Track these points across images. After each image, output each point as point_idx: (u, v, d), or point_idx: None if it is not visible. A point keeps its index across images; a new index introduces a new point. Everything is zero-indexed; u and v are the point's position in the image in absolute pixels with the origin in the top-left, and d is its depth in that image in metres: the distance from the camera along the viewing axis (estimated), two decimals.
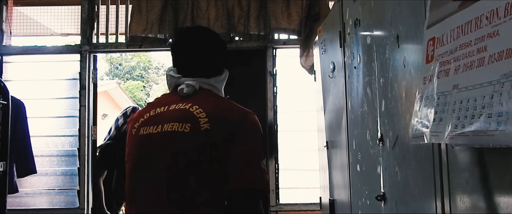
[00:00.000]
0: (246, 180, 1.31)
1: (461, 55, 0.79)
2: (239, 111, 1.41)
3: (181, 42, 1.56)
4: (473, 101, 0.75)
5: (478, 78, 0.74)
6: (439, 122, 0.82)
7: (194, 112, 1.39)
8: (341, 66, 2.09)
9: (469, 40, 0.78)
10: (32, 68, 3.92)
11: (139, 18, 3.73)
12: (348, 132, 2.00)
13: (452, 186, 1.00)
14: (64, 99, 3.84)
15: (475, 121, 0.73)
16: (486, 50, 0.72)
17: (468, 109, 0.76)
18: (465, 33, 0.78)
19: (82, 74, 3.79)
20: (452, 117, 0.80)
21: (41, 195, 3.78)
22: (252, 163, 1.33)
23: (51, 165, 3.79)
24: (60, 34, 4.39)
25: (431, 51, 0.90)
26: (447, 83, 0.83)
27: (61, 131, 3.81)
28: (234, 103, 1.48)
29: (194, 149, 1.34)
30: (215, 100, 1.48)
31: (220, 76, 1.55)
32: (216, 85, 1.54)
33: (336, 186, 2.33)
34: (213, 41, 1.58)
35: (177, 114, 1.41)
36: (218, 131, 1.35)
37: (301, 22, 3.70)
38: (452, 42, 0.82)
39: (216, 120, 1.37)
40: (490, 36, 0.71)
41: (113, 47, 3.89)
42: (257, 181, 1.32)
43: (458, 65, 0.80)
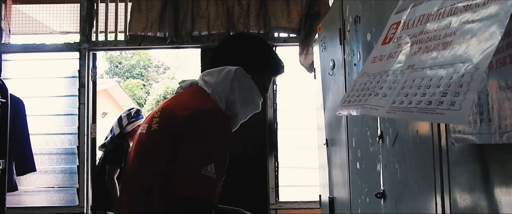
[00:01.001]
0: (184, 187, 1.22)
1: (425, 38, 0.81)
2: (195, 108, 1.30)
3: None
4: (428, 81, 0.77)
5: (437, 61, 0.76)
6: (383, 96, 0.85)
7: (157, 111, 1.40)
8: (341, 63, 2.09)
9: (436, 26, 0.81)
10: (31, 66, 3.92)
11: (139, 16, 3.73)
12: (348, 129, 1.99)
13: (452, 183, 0.99)
14: (63, 97, 3.84)
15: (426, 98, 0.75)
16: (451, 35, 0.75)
17: (420, 86, 0.78)
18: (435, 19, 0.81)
19: (81, 72, 3.78)
20: (399, 94, 0.83)
21: (40, 193, 3.78)
22: (192, 168, 1.22)
23: (50, 163, 3.79)
24: (59, 32, 4.38)
25: (391, 34, 0.94)
26: (402, 63, 0.86)
27: (61, 129, 3.81)
28: (203, 100, 1.37)
29: (144, 150, 1.36)
30: (187, 96, 1.42)
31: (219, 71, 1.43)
32: (208, 80, 1.43)
33: (336, 183, 2.32)
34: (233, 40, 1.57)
35: (152, 114, 1.44)
36: (164, 130, 1.31)
37: (301, 20, 3.69)
38: (418, 27, 0.85)
39: (165, 119, 1.33)
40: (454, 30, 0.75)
41: (112, 45, 3.88)
42: (194, 189, 1.21)
43: (419, 48, 0.83)
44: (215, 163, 1.23)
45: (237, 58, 1.46)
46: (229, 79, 1.41)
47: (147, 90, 24.70)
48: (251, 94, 1.46)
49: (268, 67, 1.54)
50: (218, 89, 1.40)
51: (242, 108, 1.45)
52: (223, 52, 1.52)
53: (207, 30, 3.72)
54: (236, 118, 1.46)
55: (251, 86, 1.45)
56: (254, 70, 1.46)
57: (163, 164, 1.29)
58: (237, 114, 1.45)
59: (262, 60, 1.51)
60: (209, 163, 1.22)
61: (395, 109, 0.80)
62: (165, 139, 1.29)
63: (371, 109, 0.87)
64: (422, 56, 0.80)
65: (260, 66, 1.49)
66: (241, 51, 1.50)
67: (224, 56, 1.49)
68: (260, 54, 1.52)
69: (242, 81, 1.42)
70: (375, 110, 0.85)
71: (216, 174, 1.23)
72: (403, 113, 0.78)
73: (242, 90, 1.43)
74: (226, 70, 1.42)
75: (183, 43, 3.74)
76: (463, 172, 0.95)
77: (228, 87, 1.41)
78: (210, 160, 1.23)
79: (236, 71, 1.41)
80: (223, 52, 1.52)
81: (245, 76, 1.43)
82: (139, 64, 25.93)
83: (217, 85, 1.41)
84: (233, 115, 1.45)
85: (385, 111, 0.82)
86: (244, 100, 1.44)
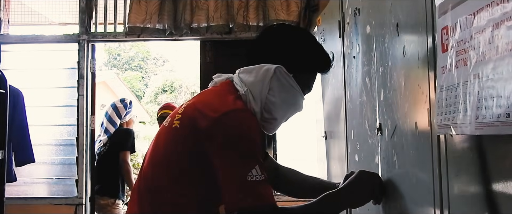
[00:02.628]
0: (233, 200, 1.15)
1: (476, 43, 0.78)
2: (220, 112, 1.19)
3: None
4: (497, 91, 0.73)
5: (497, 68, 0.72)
6: (465, 113, 0.81)
7: (183, 108, 1.31)
8: (340, 56, 2.09)
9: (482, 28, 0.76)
10: (30, 57, 3.92)
11: (138, 8, 3.72)
12: (347, 122, 2.00)
13: (450, 175, 1.00)
14: (62, 88, 3.84)
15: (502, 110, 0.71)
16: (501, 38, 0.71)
17: (493, 98, 0.74)
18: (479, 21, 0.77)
19: (80, 63, 3.78)
20: (477, 107, 0.78)
21: (39, 184, 3.79)
22: (237, 179, 1.14)
23: (49, 154, 3.80)
24: (58, 23, 4.37)
25: (445, 40, 0.88)
26: (466, 73, 0.81)
27: (60, 120, 3.82)
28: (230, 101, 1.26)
29: (160, 147, 1.29)
30: (214, 95, 1.32)
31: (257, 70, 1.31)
32: (244, 78, 1.32)
33: (335, 176, 2.33)
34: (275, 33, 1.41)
35: (177, 109, 1.35)
36: (184, 129, 1.23)
37: (300, 13, 3.69)
38: (466, 30, 0.81)
39: (187, 118, 1.24)
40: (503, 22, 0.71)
41: (112, 36, 3.87)
42: (245, 199, 1.13)
43: (476, 54, 0.78)
44: (258, 164, 1.15)
45: (278, 54, 1.33)
46: (268, 79, 1.28)
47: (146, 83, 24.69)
48: (293, 94, 1.33)
49: (312, 66, 1.39)
50: (255, 90, 1.29)
51: (282, 109, 1.33)
52: (263, 46, 1.38)
53: (206, 22, 3.72)
54: (275, 121, 1.35)
55: (293, 87, 1.32)
56: (298, 69, 1.33)
57: (178, 164, 1.24)
58: (275, 117, 1.33)
59: (307, 58, 1.36)
60: (252, 167, 1.14)
61: (481, 125, 0.76)
62: (183, 138, 1.22)
63: (460, 128, 0.83)
64: (481, 63, 0.77)
65: (304, 65, 1.35)
66: (283, 47, 1.35)
67: (264, 51, 1.36)
68: (305, 51, 1.37)
69: (282, 81, 1.29)
70: (465, 127, 0.81)
71: (263, 175, 1.15)
72: (489, 128, 0.75)
73: (282, 91, 1.30)
74: (264, 69, 1.29)
75: (182, 35, 3.74)
76: (462, 164, 0.95)
77: (266, 88, 1.28)
78: (251, 163, 1.15)
79: (276, 70, 1.28)
80: (263, 46, 1.38)
81: (286, 76, 1.30)
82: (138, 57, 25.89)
83: (255, 85, 1.29)
84: (271, 118, 1.33)
85: (473, 128, 0.79)
86: (284, 101, 1.32)
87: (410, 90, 1.24)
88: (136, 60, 25.74)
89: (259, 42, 1.40)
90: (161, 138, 1.32)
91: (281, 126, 1.41)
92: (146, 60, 26.24)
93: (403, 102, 1.29)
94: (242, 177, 1.13)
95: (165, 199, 1.25)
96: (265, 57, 1.33)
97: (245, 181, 1.13)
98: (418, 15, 1.16)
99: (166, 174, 1.25)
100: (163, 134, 1.31)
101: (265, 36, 1.41)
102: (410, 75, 1.23)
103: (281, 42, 1.37)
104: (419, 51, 1.16)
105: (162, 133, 1.32)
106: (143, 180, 1.31)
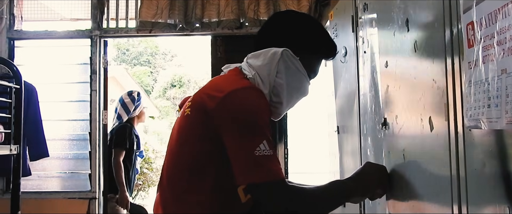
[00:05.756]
0: (242, 176, 1.16)
1: (503, 39, 0.78)
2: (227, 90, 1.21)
3: None
4: None
5: None
6: (495, 108, 0.81)
7: (192, 97, 1.34)
8: (353, 51, 2.09)
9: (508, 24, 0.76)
10: (43, 53, 3.95)
11: (149, 3, 3.74)
12: (360, 116, 2.00)
13: (469, 170, 1.00)
14: (75, 84, 3.88)
15: None
16: None
17: None
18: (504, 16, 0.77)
19: (92, 59, 3.81)
20: (507, 102, 0.78)
21: (53, 178, 3.84)
22: (245, 154, 1.15)
23: (62, 148, 3.84)
24: (70, 19, 4.40)
25: (471, 35, 0.89)
26: (494, 68, 0.81)
27: (73, 115, 3.86)
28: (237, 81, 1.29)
29: (180, 136, 1.30)
30: (221, 79, 1.35)
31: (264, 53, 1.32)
32: (252, 63, 1.33)
33: (347, 170, 2.34)
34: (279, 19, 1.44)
35: (187, 98, 1.39)
36: (196, 113, 1.25)
37: (311, 7, 3.68)
38: (491, 26, 0.81)
39: (197, 103, 1.26)
40: None
41: (123, 32, 3.90)
42: (254, 175, 1.14)
43: (502, 49, 0.78)
44: (266, 139, 1.15)
45: (284, 38, 1.35)
46: (276, 61, 1.29)
47: (154, 78, 24.78)
48: (299, 78, 1.34)
49: (318, 49, 1.40)
50: (263, 73, 1.30)
51: (288, 93, 1.34)
52: (269, 31, 1.40)
53: (217, 17, 3.73)
54: (281, 105, 1.35)
55: (299, 70, 1.33)
56: (303, 52, 1.34)
57: (193, 150, 1.25)
58: (282, 101, 1.34)
59: (311, 41, 1.38)
60: (259, 142, 1.14)
61: None
62: (196, 124, 1.24)
63: (490, 123, 0.83)
64: (508, 59, 0.77)
65: (309, 48, 1.37)
66: (289, 31, 1.37)
67: (270, 36, 1.37)
68: (310, 34, 1.39)
69: (289, 64, 1.31)
70: (495, 122, 0.82)
71: (271, 150, 1.15)
72: None
73: (289, 74, 1.31)
74: (272, 52, 1.30)
75: (193, 30, 3.76)
76: (480, 157, 0.96)
77: (274, 70, 1.29)
78: (259, 138, 1.15)
79: (283, 53, 1.29)
80: (269, 32, 1.40)
81: (292, 59, 1.31)
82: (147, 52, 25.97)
83: (262, 69, 1.30)
84: (278, 102, 1.34)
85: (504, 123, 0.79)
86: (291, 84, 1.33)
87: (422, 85, 1.23)
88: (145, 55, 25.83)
89: (266, 28, 1.42)
90: (175, 129, 1.34)
91: (286, 111, 1.42)
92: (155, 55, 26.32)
93: (413, 97, 1.29)
94: (250, 152, 1.13)
95: (183, 187, 1.26)
96: (272, 42, 1.34)
97: (253, 155, 1.13)
98: (433, 11, 1.16)
99: (182, 162, 1.27)
100: (178, 124, 1.34)
101: (272, 21, 1.44)
102: (423, 70, 1.23)
103: (287, 26, 1.39)
104: (435, 47, 1.16)
105: (177, 124, 1.35)
106: (165, 171, 1.34)
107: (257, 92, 1.25)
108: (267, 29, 1.41)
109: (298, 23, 1.40)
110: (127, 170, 3.80)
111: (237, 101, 1.19)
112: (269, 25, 1.42)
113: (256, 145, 1.14)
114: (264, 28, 1.42)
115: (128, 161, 3.81)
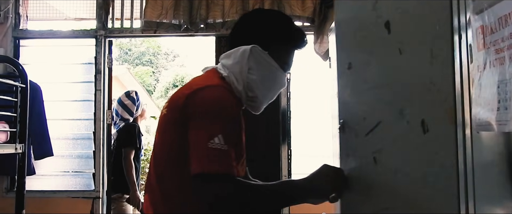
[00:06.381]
0: (194, 164, 1.19)
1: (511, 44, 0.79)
2: (196, 87, 1.30)
3: None
4: None
5: None
6: (504, 110, 0.82)
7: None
8: None
9: None
10: (48, 52, 3.97)
11: (154, 3, 3.74)
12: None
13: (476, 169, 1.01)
14: (79, 83, 3.89)
15: None
16: None
17: None
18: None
19: (97, 59, 3.82)
20: None
21: (57, 177, 3.86)
22: (198, 145, 1.20)
23: (67, 148, 3.86)
24: (74, 18, 4.41)
25: (481, 39, 0.90)
26: (504, 72, 0.82)
27: (77, 115, 3.88)
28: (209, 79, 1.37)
29: (158, 136, 1.38)
30: (197, 79, 1.42)
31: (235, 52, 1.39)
32: (225, 63, 1.41)
33: None
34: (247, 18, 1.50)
35: None
36: (170, 113, 1.33)
37: (315, 9, 3.69)
38: (501, 30, 0.82)
39: (171, 102, 1.35)
40: None
41: (128, 32, 3.91)
42: (202, 164, 1.18)
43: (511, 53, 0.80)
44: (222, 134, 1.19)
45: (251, 35, 1.41)
46: (246, 59, 1.36)
47: (157, 78, 24.78)
48: (271, 71, 1.40)
49: (285, 40, 1.44)
50: (236, 71, 1.37)
51: (263, 86, 1.40)
52: (238, 31, 1.46)
53: (221, 18, 3.74)
54: (258, 99, 1.41)
55: (270, 63, 1.39)
56: (271, 45, 1.40)
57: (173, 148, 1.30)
58: (257, 95, 1.40)
59: (276, 33, 1.43)
60: (215, 135, 1.18)
61: None
62: (171, 121, 1.32)
63: (501, 125, 0.84)
64: None
65: (276, 40, 1.42)
66: (255, 27, 1.44)
67: (240, 36, 1.44)
68: (274, 27, 1.44)
69: (259, 59, 1.37)
70: (504, 125, 0.83)
71: (226, 145, 1.19)
72: None
73: (261, 68, 1.38)
74: (241, 50, 1.37)
75: (198, 31, 3.77)
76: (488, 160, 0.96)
77: (246, 67, 1.36)
78: (216, 131, 1.19)
79: (252, 49, 1.37)
80: (238, 32, 1.47)
81: (261, 54, 1.38)
82: (149, 51, 25.98)
83: (234, 67, 1.37)
84: (254, 97, 1.40)
85: None
86: (264, 78, 1.39)
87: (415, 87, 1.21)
88: (147, 55, 25.84)
89: (236, 28, 1.48)
90: (157, 129, 1.42)
91: (266, 103, 1.47)
92: (157, 55, 26.33)
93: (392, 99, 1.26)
94: (204, 143, 1.18)
95: (168, 183, 1.32)
96: (242, 40, 1.41)
97: (205, 147, 1.18)
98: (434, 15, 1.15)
99: (164, 160, 1.34)
100: (159, 124, 1.41)
101: (240, 21, 1.49)
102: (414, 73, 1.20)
103: (253, 23, 1.46)
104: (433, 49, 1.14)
105: (158, 123, 1.42)
106: (152, 171, 1.39)
107: (222, 91, 1.31)
108: (237, 29, 1.47)
109: (263, 19, 1.47)
110: (136, 169, 3.83)
111: (201, 98, 1.27)
112: (238, 26, 1.48)
113: (211, 137, 1.18)
114: (234, 29, 1.48)
115: (136, 160, 3.85)
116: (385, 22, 1.30)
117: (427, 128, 1.16)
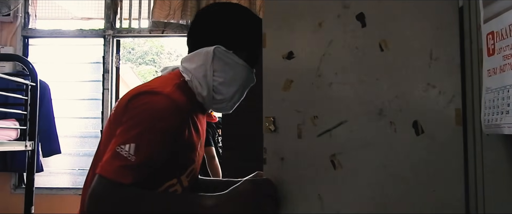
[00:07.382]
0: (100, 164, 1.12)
1: None
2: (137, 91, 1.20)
3: None
4: None
5: None
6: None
7: None
8: None
9: None
10: (57, 51, 4.01)
11: (161, 3, 3.77)
12: None
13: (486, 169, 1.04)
14: (87, 82, 3.93)
15: None
16: None
17: None
18: None
19: (105, 58, 3.86)
20: None
21: (64, 174, 3.90)
22: (111, 146, 1.12)
23: (74, 146, 3.90)
24: (82, 18, 4.45)
25: (491, 45, 0.93)
26: None
27: (85, 113, 3.92)
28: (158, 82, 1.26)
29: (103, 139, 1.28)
30: (153, 80, 1.33)
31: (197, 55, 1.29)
32: (187, 66, 1.30)
33: None
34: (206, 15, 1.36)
35: None
36: (114, 111, 1.24)
37: None
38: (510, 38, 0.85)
39: (119, 101, 1.25)
40: None
41: (136, 32, 3.95)
42: (102, 165, 1.10)
43: None
44: (136, 144, 1.10)
45: (214, 34, 1.30)
46: (210, 62, 1.26)
47: None
48: (239, 71, 1.30)
49: (251, 40, 1.31)
50: (199, 75, 1.27)
51: (233, 87, 1.30)
52: (198, 29, 1.35)
53: None
54: (227, 101, 1.32)
55: (237, 63, 1.29)
56: (236, 46, 1.30)
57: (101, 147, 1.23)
58: (226, 97, 1.31)
59: (242, 33, 1.32)
60: (127, 142, 1.09)
61: None
62: (112, 120, 1.23)
63: (509, 128, 0.87)
64: None
65: (241, 40, 1.31)
66: (217, 26, 1.32)
67: (200, 35, 1.33)
68: (240, 26, 1.33)
69: (225, 59, 1.28)
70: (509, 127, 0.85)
71: (134, 156, 1.09)
72: None
73: (227, 70, 1.28)
74: (203, 53, 1.27)
75: None
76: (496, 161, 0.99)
77: (210, 70, 1.26)
78: (130, 139, 1.10)
79: (215, 51, 1.26)
80: (198, 30, 1.35)
81: (226, 54, 1.28)
82: (152, 51, 26.01)
83: (198, 71, 1.27)
84: (222, 99, 1.31)
85: None
86: (233, 79, 1.30)
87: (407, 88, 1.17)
88: (150, 55, 25.86)
89: (194, 26, 1.36)
90: None
91: (237, 103, 1.37)
92: (160, 54, 26.36)
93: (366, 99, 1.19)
94: (114, 145, 1.10)
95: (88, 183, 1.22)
96: (202, 41, 1.30)
97: (113, 149, 1.10)
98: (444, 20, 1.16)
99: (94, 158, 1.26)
100: None
101: (199, 19, 1.37)
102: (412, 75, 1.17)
103: (214, 21, 1.33)
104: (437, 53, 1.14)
105: None
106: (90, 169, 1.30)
107: (165, 101, 1.17)
108: (196, 27, 1.36)
109: (225, 17, 1.34)
110: None
111: (137, 102, 1.17)
112: (197, 23, 1.36)
113: (123, 143, 1.10)
114: (193, 26, 1.37)
115: None
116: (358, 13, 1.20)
117: (421, 130, 1.14)
